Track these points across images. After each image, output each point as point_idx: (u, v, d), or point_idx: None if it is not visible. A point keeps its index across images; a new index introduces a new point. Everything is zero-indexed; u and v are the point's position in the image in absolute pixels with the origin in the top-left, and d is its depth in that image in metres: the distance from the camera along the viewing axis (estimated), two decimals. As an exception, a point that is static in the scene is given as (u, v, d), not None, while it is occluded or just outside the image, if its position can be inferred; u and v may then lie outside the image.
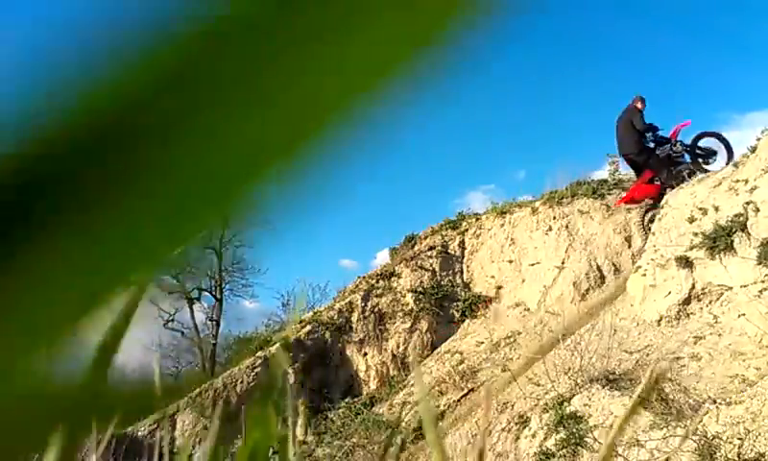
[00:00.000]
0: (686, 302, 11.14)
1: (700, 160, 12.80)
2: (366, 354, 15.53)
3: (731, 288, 10.53)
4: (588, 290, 14.08)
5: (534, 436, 9.29)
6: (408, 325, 15.92)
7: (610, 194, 16.46)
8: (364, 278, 17.57)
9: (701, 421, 6.86)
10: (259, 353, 14.82)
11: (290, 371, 14.51)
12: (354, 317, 16.01)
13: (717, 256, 10.85)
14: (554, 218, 16.03)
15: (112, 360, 0.23)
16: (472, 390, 12.57)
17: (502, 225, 17.39)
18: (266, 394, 0.35)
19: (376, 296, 16.55)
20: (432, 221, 19.03)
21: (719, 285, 10.78)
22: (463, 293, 16.65)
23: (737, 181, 11.54)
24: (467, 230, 18.06)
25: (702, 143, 13.03)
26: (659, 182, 13.08)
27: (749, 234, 10.43)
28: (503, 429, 10.46)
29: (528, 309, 14.98)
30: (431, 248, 17.54)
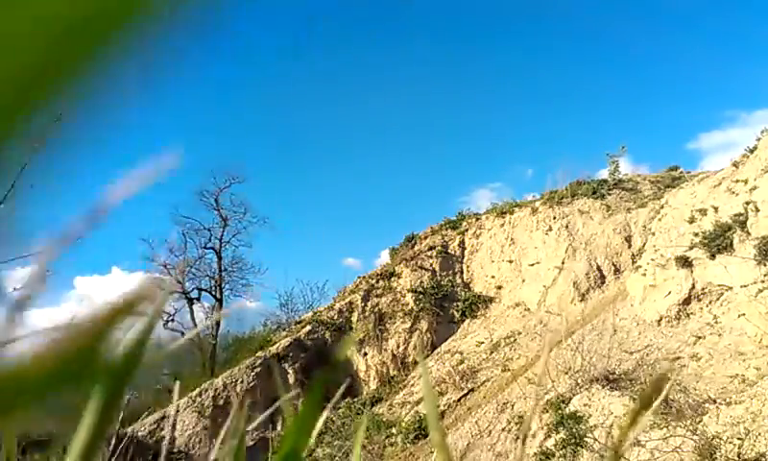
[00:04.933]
0: (686, 302, 11.15)
1: None
2: (366, 354, 15.53)
3: (730, 288, 10.53)
4: (588, 290, 14.08)
5: (534, 436, 9.29)
6: (408, 325, 15.93)
7: (610, 194, 16.47)
8: (364, 278, 17.57)
9: (701, 421, 6.87)
10: (259, 353, 14.82)
11: (290, 371, 14.50)
12: (354, 317, 16.02)
13: (717, 256, 10.86)
14: (554, 218, 16.04)
15: (143, 353, 0.24)
16: (472, 390, 12.57)
17: (502, 225, 17.41)
18: (313, 393, 0.35)
19: (376, 296, 16.56)
20: (438, 220, 19.02)
21: (719, 285, 10.78)
22: (463, 293, 16.67)
23: (737, 181, 11.54)
24: (467, 230, 18.07)
25: None
26: None
27: (748, 234, 10.44)
28: (503, 429, 10.46)
29: (528, 309, 14.99)
30: (431, 248, 17.55)
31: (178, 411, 13.10)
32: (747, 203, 10.70)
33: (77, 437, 0.23)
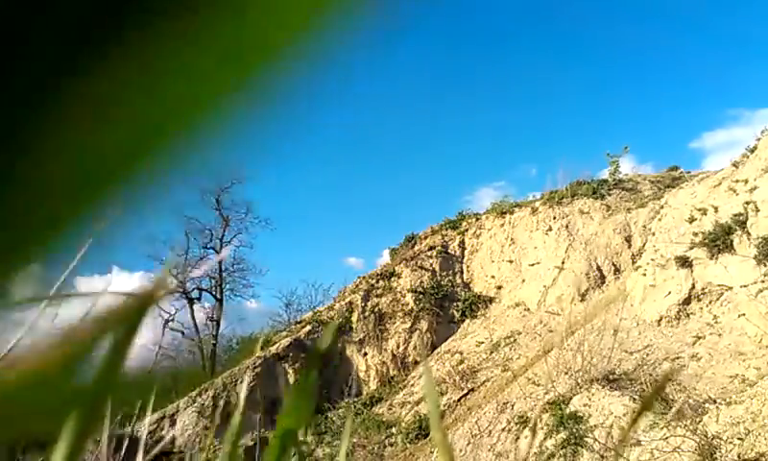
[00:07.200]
0: (686, 302, 11.14)
1: None
2: (366, 354, 15.52)
3: (731, 288, 10.52)
4: (587, 290, 14.08)
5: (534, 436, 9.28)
6: (408, 325, 15.91)
7: (610, 194, 16.46)
8: (364, 277, 17.56)
9: (701, 421, 6.86)
10: (259, 353, 14.81)
11: (290, 371, 14.49)
12: (354, 317, 16.01)
13: (717, 256, 10.85)
14: (554, 218, 16.03)
15: (125, 358, 0.23)
16: (472, 390, 12.57)
17: (502, 225, 17.39)
18: (310, 364, 0.35)
19: (376, 296, 16.54)
20: (440, 219, 19.02)
21: (719, 285, 10.78)
22: (463, 293, 16.65)
23: (737, 180, 11.53)
24: (467, 230, 18.05)
25: None
26: None
27: (748, 234, 10.43)
28: (503, 429, 10.45)
29: (528, 309, 14.98)
30: (431, 248, 17.54)
31: (177, 411, 13.10)
32: (747, 203, 10.70)
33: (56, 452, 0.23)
